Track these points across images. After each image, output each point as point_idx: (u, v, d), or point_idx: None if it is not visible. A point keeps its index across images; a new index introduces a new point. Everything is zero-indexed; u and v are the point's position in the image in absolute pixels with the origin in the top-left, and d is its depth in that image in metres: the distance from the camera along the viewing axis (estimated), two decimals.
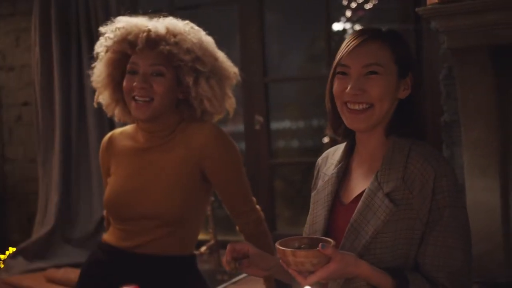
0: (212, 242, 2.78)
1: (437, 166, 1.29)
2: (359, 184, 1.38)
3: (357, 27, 3.97)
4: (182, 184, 1.72)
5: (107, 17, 1.85)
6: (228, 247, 1.36)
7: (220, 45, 1.91)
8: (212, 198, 2.43)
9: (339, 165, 1.43)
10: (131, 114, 1.78)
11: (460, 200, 1.31)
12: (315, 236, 1.31)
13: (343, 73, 1.36)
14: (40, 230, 3.19)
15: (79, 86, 3.17)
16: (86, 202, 3.18)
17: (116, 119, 1.92)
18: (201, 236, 2.01)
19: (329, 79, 1.40)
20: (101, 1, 3.10)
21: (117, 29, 1.75)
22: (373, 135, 1.38)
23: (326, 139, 3.00)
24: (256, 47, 3.06)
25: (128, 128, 1.89)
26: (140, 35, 1.70)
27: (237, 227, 1.84)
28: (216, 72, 1.79)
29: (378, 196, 1.30)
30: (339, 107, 1.37)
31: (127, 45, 1.73)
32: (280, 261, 1.22)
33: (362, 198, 1.32)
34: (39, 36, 3.19)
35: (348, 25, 3.95)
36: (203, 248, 2.70)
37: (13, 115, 3.56)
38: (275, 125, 3.25)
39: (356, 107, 1.33)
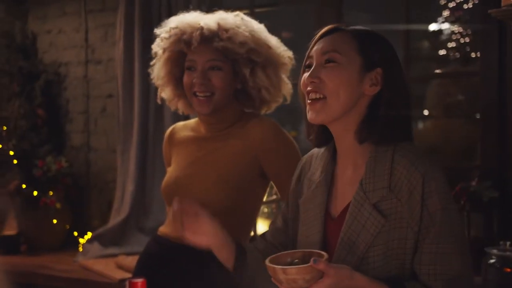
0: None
1: (424, 170, 1.21)
2: (345, 193, 1.32)
3: (455, 27, 3.84)
4: (236, 175, 1.74)
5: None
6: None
7: (297, 44, 1.90)
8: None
9: (325, 172, 1.36)
10: (194, 109, 1.83)
11: (451, 200, 1.23)
12: (307, 250, 1.25)
13: (309, 66, 1.31)
14: (116, 217, 3.32)
15: None
16: (160, 193, 3.26)
17: (179, 112, 1.98)
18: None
19: (300, 74, 1.35)
20: None
21: (171, 29, 1.80)
22: (346, 138, 1.31)
23: None
24: None
25: (191, 120, 1.95)
26: (194, 34, 1.74)
27: None
28: (271, 60, 1.80)
29: (365, 208, 1.24)
30: (305, 101, 1.31)
31: (183, 45, 1.78)
32: (272, 279, 1.18)
33: (349, 210, 1.26)
34: (123, 31, 3.32)
35: (445, 26, 3.82)
36: None
37: (99, 106, 3.73)
38: None
39: (313, 96, 1.28)
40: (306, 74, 1.31)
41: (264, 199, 1.90)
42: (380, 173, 1.25)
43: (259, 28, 1.82)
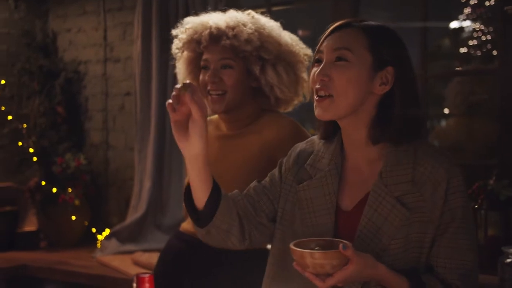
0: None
1: (448, 167, 1.23)
2: (358, 188, 1.31)
3: (476, 25, 3.80)
4: (254, 173, 1.74)
5: (194, 12, 1.91)
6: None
7: (314, 41, 1.89)
8: None
9: (335, 162, 1.34)
10: (209, 108, 1.83)
11: (468, 199, 1.26)
12: (328, 238, 1.25)
13: (318, 61, 1.30)
14: (133, 214, 3.34)
15: (175, 79, 3.27)
16: (177, 191, 3.29)
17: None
18: None
19: (310, 69, 1.33)
20: None
21: (186, 30, 1.82)
22: (356, 135, 1.29)
23: None
24: None
25: (215, 117, 1.96)
26: (204, 33, 1.75)
27: None
28: (282, 58, 1.79)
29: (387, 200, 1.24)
30: (313, 98, 1.30)
31: (196, 44, 1.80)
32: (294, 264, 1.18)
33: (368, 202, 1.26)
34: (141, 30, 3.34)
35: (466, 23, 3.78)
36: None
37: (117, 104, 3.76)
38: None
39: (322, 93, 1.26)
40: (315, 70, 1.29)
41: None
42: (402, 167, 1.26)
43: (270, 25, 1.82)
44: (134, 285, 1.08)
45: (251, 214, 1.39)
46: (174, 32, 1.88)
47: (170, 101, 1.25)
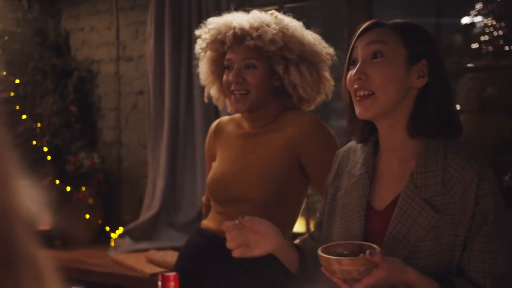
0: (306, 235, 2.78)
1: (479, 169, 1.21)
2: (390, 188, 1.31)
3: (488, 20, 3.77)
4: (279, 170, 1.76)
5: (218, 12, 1.93)
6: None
7: (327, 38, 1.90)
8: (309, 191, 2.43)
9: (367, 165, 1.35)
10: (233, 107, 1.85)
11: (502, 201, 1.23)
12: (356, 242, 1.25)
13: (353, 62, 1.30)
14: (147, 213, 3.35)
15: (188, 77, 3.29)
16: (190, 189, 3.30)
17: (228, 110, 2.01)
18: (295, 229, 2.03)
19: (344, 71, 1.34)
20: None
21: (209, 30, 1.84)
22: (394, 132, 1.30)
23: None
24: None
25: (236, 116, 1.97)
26: (228, 34, 1.77)
27: None
28: (305, 57, 1.80)
29: (416, 202, 1.23)
30: (353, 98, 1.30)
31: (219, 44, 1.81)
32: (323, 269, 1.19)
33: (398, 203, 1.26)
34: (154, 28, 3.35)
35: (478, 18, 3.76)
36: (296, 241, 2.71)
37: (130, 102, 3.77)
38: None
39: (361, 93, 1.26)
40: (351, 71, 1.30)
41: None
42: (433, 168, 1.25)
43: (294, 25, 1.83)
44: (159, 283, 1.09)
45: None
46: (197, 32, 1.91)
47: (233, 245, 1.39)
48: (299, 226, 3.09)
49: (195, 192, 3.27)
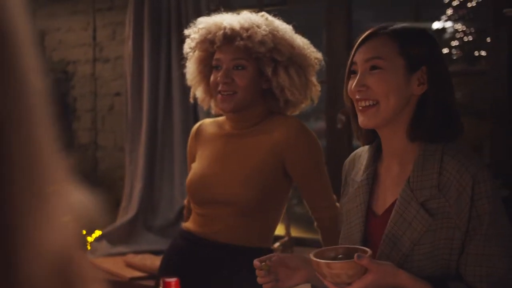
0: (286, 238, 2.78)
1: (474, 172, 1.21)
2: (390, 192, 1.32)
3: (458, 26, 3.83)
4: (262, 174, 1.76)
5: (197, 13, 1.92)
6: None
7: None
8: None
9: (367, 171, 1.37)
10: (218, 107, 1.84)
11: (500, 204, 1.23)
12: (352, 246, 1.26)
13: (354, 72, 1.32)
14: (124, 216, 3.32)
15: (167, 79, 3.27)
16: (168, 192, 3.27)
17: (212, 111, 2.00)
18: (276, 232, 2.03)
19: (345, 79, 1.36)
20: None
21: (199, 30, 1.83)
22: (395, 138, 1.31)
23: (339, 125, 2.89)
24: (342, 45, 3.02)
25: (219, 118, 1.97)
26: (217, 33, 1.76)
27: (315, 223, 1.85)
28: (295, 61, 1.80)
29: (412, 206, 1.24)
30: (356, 107, 1.32)
31: (208, 44, 1.81)
32: (316, 273, 1.20)
33: (395, 207, 1.27)
34: (132, 29, 3.31)
35: (448, 24, 3.82)
36: (276, 244, 2.71)
37: (106, 104, 3.73)
38: None
39: (363, 103, 1.27)
40: (352, 82, 1.31)
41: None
42: (428, 172, 1.25)
43: (284, 28, 1.83)
44: None
45: None
46: (186, 32, 1.90)
47: (269, 282, 1.37)
48: (279, 230, 3.09)
49: (173, 194, 3.25)
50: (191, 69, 1.92)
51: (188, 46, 1.89)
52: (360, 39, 1.34)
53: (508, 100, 2.51)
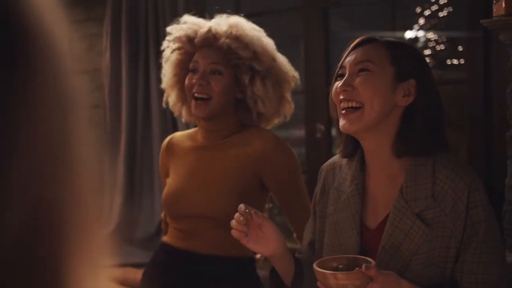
0: None
1: (469, 181, 1.23)
2: (382, 204, 1.33)
3: (430, 35, 3.89)
4: (239, 187, 1.75)
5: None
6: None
7: (284, 53, 1.92)
8: (270, 205, 2.44)
9: (356, 181, 1.36)
10: (192, 112, 1.84)
11: (492, 212, 1.25)
12: (351, 256, 1.26)
13: (341, 75, 1.32)
14: (104, 229, 3.28)
15: (145, 91, 3.25)
16: (148, 204, 3.25)
17: (183, 120, 1.98)
18: None
19: (332, 84, 1.36)
20: (170, 9, 3.17)
21: (182, 27, 1.83)
22: (381, 152, 1.31)
23: (319, 134, 2.92)
24: (320, 55, 3.05)
25: (190, 130, 1.95)
26: (199, 31, 1.75)
27: (294, 234, 1.84)
28: (273, 73, 1.81)
29: (407, 216, 1.25)
30: (338, 111, 1.32)
31: (186, 40, 1.80)
32: (318, 283, 1.19)
33: (390, 218, 1.27)
34: (110, 41, 3.30)
35: (420, 33, 3.87)
36: (258, 254, 2.70)
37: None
38: None
39: (346, 104, 1.27)
40: (338, 83, 1.31)
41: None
42: (422, 182, 1.26)
43: (268, 41, 1.84)
44: None
45: None
46: (169, 28, 1.88)
47: (239, 231, 1.36)
48: None
49: (153, 207, 3.23)
50: (167, 71, 1.90)
51: (167, 39, 1.87)
52: (353, 44, 1.35)
53: (484, 109, 2.55)
